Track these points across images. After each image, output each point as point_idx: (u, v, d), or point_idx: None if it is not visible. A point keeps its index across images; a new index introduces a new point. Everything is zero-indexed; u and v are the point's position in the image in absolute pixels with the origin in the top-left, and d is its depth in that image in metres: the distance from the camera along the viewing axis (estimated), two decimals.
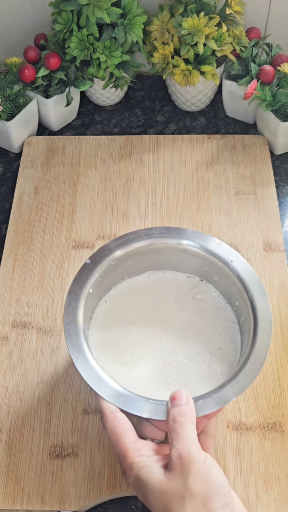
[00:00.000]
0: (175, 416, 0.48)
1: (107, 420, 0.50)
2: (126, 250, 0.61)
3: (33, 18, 0.87)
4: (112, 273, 0.61)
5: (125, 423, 0.49)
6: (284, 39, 0.88)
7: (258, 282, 0.58)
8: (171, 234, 0.62)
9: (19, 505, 0.57)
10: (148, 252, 0.62)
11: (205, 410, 0.50)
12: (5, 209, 0.80)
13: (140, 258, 0.62)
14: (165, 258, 0.63)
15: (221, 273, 0.61)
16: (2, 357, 0.66)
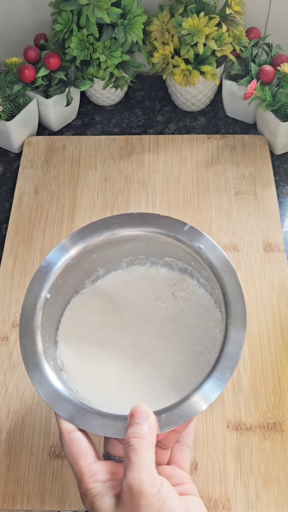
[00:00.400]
0: (129, 438, 0.43)
1: (64, 442, 0.46)
2: (86, 244, 0.55)
3: (33, 18, 0.87)
4: (76, 270, 0.57)
5: (82, 444, 0.46)
6: (284, 39, 0.88)
7: (232, 272, 0.53)
8: (133, 223, 0.56)
9: (19, 505, 0.57)
10: (112, 245, 0.57)
11: (171, 425, 0.45)
12: (5, 209, 0.80)
13: (106, 251, 0.58)
14: (137, 248, 0.59)
15: (194, 259, 0.56)
16: (2, 357, 0.66)
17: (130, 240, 0.57)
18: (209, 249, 0.54)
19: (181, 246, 0.56)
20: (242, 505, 0.56)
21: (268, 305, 0.69)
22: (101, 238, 0.56)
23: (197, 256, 0.54)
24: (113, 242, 0.57)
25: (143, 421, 0.44)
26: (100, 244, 0.56)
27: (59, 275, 0.55)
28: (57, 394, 0.48)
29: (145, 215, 0.57)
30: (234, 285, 0.52)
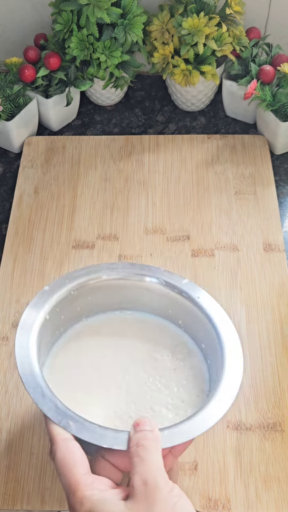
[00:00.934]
0: (138, 440, 0.42)
1: (58, 448, 0.43)
2: (87, 280, 0.57)
3: (33, 18, 0.87)
4: (72, 306, 0.58)
5: (78, 453, 0.43)
6: (284, 39, 0.88)
7: (228, 321, 0.54)
8: (135, 269, 0.58)
9: (19, 505, 0.57)
10: (110, 287, 0.58)
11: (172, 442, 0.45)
12: (5, 209, 0.80)
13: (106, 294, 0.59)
14: (131, 296, 0.59)
15: (187, 312, 0.57)
16: (2, 357, 0.66)
17: (126, 287, 0.58)
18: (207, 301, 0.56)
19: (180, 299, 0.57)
20: (242, 505, 0.56)
21: (268, 305, 0.69)
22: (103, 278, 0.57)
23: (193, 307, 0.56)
24: (112, 286, 0.58)
25: (149, 430, 0.43)
26: (103, 286, 0.58)
27: (59, 303, 0.55)
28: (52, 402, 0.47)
29: (146, 267, 0.58)
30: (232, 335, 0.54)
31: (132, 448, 0.42)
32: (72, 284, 0.56)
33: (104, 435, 0.45)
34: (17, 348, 0.51)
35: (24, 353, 0.50)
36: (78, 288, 0.57)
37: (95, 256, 0.73)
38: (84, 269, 0.58)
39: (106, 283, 0.58)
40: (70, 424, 0.45)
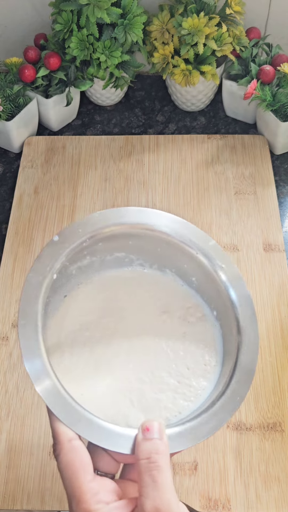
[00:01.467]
0: (151, 453, 0.39)
1: (63, 449, 0.40)
2: (103, 229, 0.50)
3: (33, 18, 0.87)
4: (80, 255, 0.51)
5: (84, 456, 0.40)
6: (284, 39, 0.88)
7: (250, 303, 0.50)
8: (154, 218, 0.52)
9: (19, 505, 0.57)
10: (124, 236, 0.52)
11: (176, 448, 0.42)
12: (5, 209, 0.80)
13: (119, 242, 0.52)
14: (143, 248, 0.54)
15: (205, 274, 0.52)
16: (2, 357, 0.66)
17: (142, 237, 0.53)
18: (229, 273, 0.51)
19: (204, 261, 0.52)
20: (242, 505, 0.56)
21: (268, 305, 0.69)
22: (120, 226, 0.51)
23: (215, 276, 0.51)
24: (131, 235, 0.52)
25: (159, 439, 0.40)
26: (117, 234, 0.52)
27: (69, 256, 0.49)
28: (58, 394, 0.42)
29: (177, 220, 0.53)
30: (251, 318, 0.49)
31: (143, 462, 0.39)
32: (86, 234, 0.50)
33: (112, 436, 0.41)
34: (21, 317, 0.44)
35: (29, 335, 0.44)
36: (90, 238, 0.50)
37: None
38: (100, 215, 0.51)
39: (125, 230, 0.52)
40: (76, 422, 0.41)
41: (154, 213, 0.53)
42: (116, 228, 0.52)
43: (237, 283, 0.51)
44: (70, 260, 0.50)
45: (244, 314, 0.49)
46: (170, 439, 0.42)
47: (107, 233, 0.52)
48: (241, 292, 0.50)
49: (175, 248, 0.53)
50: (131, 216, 0.53)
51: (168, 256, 0.54)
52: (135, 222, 0.53)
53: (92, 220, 0.52)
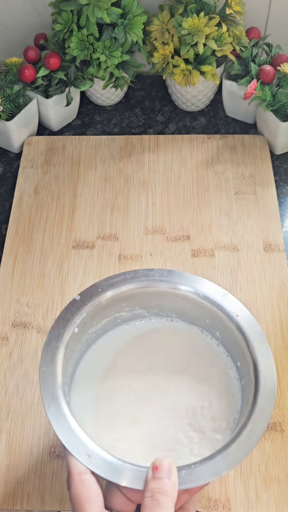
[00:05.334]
0: (154, 492, 0.41)
1: (73, 482, 0.43)
2: (120, 290, 0.54)
3: (33, 18, 0.87)
4: (101, 313, 0.55)
5: (92, 489, 0.42)
6: (284, 39, 0.88)
7: (264, 341, 0.52)
8: (173, 278, 0.55)
9: (19, 505, 0.57)
10: (144, 295, 0.56)
11: (189, 483, 0.44)
12: (5, 209, 0.80)
13: (135, 300, 0.56)
14: (165, 304, 0.57)
15: (223, 327, 0.55)
16: (2, 357, 0.66)
17: (162, 296, 0.56)
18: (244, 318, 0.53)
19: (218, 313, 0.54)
20: (242, 505, 0.56)
21: (268, 305, 0.69)
22: (137, 287, 0.55)
23: (230, 323, 0.54)
24: (148, 295, 0.56)
25: (167, 478, 0.42)
26: (135, 293, 0.56)
27: (90, 313, 0.54)
28: (71, 431, 0.46)
29: (185, 275, 0.56)
30: (267, 356, 0.51)
31: (146, 499, 0.41)
32: (106, 294, 0.54)
33: (121, 472, 0.44)
34: (42, 370, 0.49)
35: (49, 371, 0.49)
36: (110, 297, 0.54)
37: (95, 256, 0.73)
38: (119, 276, 0.55)
39: (141, 291, 0.56)
40: (87, 457, 0.44)
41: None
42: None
43: (253, 329, 0.53)
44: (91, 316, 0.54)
45: (261, 360, 0.51)
46: (185, 475, 0.44)
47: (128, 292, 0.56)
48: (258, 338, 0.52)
49: (197, 304, 0.56)
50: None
51: (187, 311, 0.57)
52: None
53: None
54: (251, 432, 0.47)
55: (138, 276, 0.55)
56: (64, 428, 0.46)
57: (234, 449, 0.46)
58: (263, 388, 0.49)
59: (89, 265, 0.72)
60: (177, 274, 0.56)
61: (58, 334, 0.51)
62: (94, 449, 0.45)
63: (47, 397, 0.47)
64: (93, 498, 0.42)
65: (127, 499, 0.44)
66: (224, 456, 0.45)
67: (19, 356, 0.66)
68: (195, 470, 0.44)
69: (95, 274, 0.72)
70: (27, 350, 0.66)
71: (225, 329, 0.55)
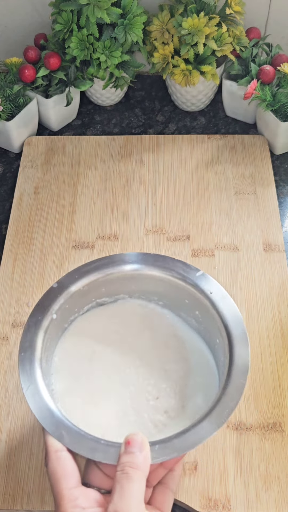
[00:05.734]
0: (124, 465, 0.43)
1: (49, 459, 0.44)
2: (98, 276, 0.56)
3: (33, 18, 0.87)
4: (82, 299, 0.57)
5: (68, 465, 0.44)
6: (284, 39, 0.88)
7: (239, 318, 0.53)
8: (147, 260, 0.57)
9: (19, 505, 0.57)
10: (122, 280, 0.57)
11: (162, 457, 0.45)
12: (5, 209, 0.80)
13: (114, 285, 0.58)
14: (142, 287, 0.59)
15: (201, 306, 0.56)
16: (2, 357, 0.66)
17: (140, 279, 0.58)
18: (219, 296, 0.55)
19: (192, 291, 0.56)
20: (242, 505, 0.56)
21: (268, 305, 0.69)
22: (114, 271, 0.57)
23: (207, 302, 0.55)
24: (124, 279, 0.57)
25: (139, 451, 0.43)
26: (112, 278, 0.57)
27: (67, 300, 0.55)
28: (49, 411, 0.48)
29: (160, 257, 0.57)
30: (240, 332, 0.52)
31: (118, 473, 0.42)
32: (82, 281, 0.55)
33: (95, 448, 0.45)
34: (20, 352, 0.51)
35: (27, 356, 0.51)
36: (88, 284, 0.56)
37: (95, 256, 0.73)
38: (94, 263, 0.57)
39: (118, 275, 0.57)
40: (63, 435, 0.46)
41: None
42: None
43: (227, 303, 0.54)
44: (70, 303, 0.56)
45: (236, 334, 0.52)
46: (159, 449, 0.45)
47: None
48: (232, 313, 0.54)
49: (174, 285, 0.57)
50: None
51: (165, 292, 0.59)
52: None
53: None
54: (224, 406, 0.48)
55: (115, 261, 0.57)
56: (42, 408, 0.48)
57: (207, 423, 0.47)
58: (237, 363, 0.50)
59: None
60: (152, 257, 0.57)
61: (36, 320, 0.53)
62: (70, 427, 0.46)
63: (25, 380, 0.49)
64: (68, 474, 0.43)
65: (105, 474, 0.45)
66: (197, 430, 0.46)
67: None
68: (169, 444, 0.45)
69: None
70: None
71: (202, 308, 0.56)
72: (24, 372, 0.50)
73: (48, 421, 0.47)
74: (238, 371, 0.50)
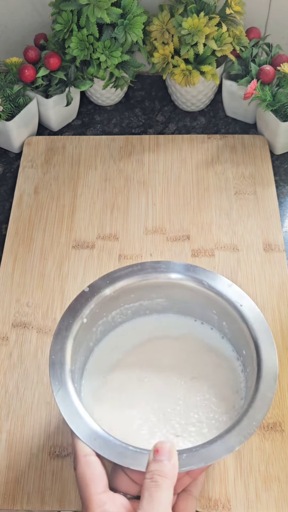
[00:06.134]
0: (153, 474, 0.43)
1: (78, 463, 0.45)
2: (129, 282, 0.57)
3: (33, 18, 0.87)
4: (111, 304, 0.58)
5: (97, 470, 0.45)
6: (284, 39, 0.88)
7: (267, 330, 0.54)
8: (179, 269, 0.57)
9: (19, 505, 0.57)
10: (151, 287, 0.58)
11: (189, 465, 0.46)
12: (5, 209, 0.80)
13: (143, 292, 0.58)
14: (171, 296, 0.59)
15: (230, 318, 0.56)
16: (2, 357, 0.66)
17: (169, 287, 0.58)
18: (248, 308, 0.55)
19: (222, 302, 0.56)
20: (242, 505, 0.56)
21: (268, 305, 0.69)
22: (143, 278, 0.57)
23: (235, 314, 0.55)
24: (154, 287, 0.58)
25: (167, 460, 0.44)
26: (142, 285, 0.58)
27: (98, 304, 0.56)
28: (78, 415, 0.48)
29: (191, 266, 0.58)
30: (269, 345, 0.53)
31: (146, 481, 0.43)
32: (112, 286, 0.56)
33: (124, 453, 0.46)
34: (51, 358, 0.51)
35: (58, 359, 0.51)
36: (118, 289, 0.57)
37: (95, 256, 0.73)
38: (126, 269, 0.57)
39: (148, 282, 0.58)
40: (92, 439, 0.47)
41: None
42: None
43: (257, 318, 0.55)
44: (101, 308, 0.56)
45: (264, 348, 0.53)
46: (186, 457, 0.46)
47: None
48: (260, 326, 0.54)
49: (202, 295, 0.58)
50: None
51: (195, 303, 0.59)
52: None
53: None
54: (252, 418, 0.48)
55: (145, 268, 0.57)
56: (71, 412, 0.48)
57: (234, 434, 0.47)
58: (265, 375, 0.51)
59: (89, 265, 0.72)
60: (184, 266, 0.58)
61: (67, 324, 0.53)
62: (100, 433, 0.47)
63: (56, 383, 0.50)
64: (97, 478, 0.44)
65: (132, 480, 0.46)
66: (224, 441, 0.47)
67: (19, 356, 0.66)
68: (196, 453, 0.46)
69: (95, 274, 0.72)
70: (27, 350, 0.66)
71: (230, 319, 0.56)
72: (55, 375, 0.50)
73: (77, 425, 0.47)
74: (267, 384, 0.50)
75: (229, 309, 0.56)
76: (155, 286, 0.58)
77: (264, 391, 0.50)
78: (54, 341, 0.52)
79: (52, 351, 0.52)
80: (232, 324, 0.57)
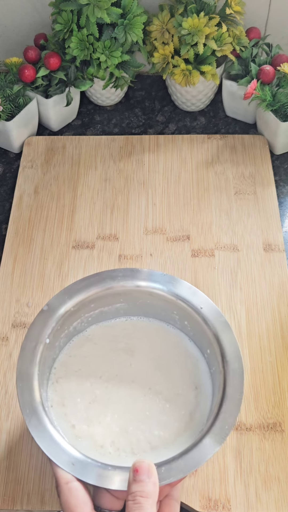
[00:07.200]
0: (135, 495, 0.43)
1: (61, 491, 0.46)
2: (88, 294, 0.56)
3: (33, 18, 0.87)
4: (72, 318, 0.57)
5: (80, 496, 0.45)
6: (284, 39, 0.88)
7: (229, 329, 0.54)
8: (137, 276, 0.57)
9: (19, 505, 0.57)
10: (112, 296, 0.58)
11: (169, 478, 0.46)
12: (5, 209, 0.80)
13: (102, 301, 0.58)
14: (132, 301, 0.59)
15: (191, 318, 0.57)
16: (2, 358, 0.66)
17: (129, 294, 0.58)
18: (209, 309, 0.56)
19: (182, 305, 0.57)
20: (242, 505, 0.56)
21: (268, 305, 0.69)
22: (102, 289, 0.57)
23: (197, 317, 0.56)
24: (114, 295, 0.58)
25: (148, 478, 0.44)
26: (101, 296, 0.57)
27: (59, 322, 0.55)
28: (54, 441, 0.48)
29: (150, 272, 0.58)
30: (233, 345, 0.53)
31: (129, 502, 0.43)
32: (72, 301, 0.56)
33: (104, 474, 0.46)
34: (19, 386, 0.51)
35: (25, 386, 0.51)
36: (77, 303, 0.56)
37: (95, 256, 0.73)
38: (84, 281, 0.57)
39: (107, 292, 0.57)
40: (71, 465, 0.47)
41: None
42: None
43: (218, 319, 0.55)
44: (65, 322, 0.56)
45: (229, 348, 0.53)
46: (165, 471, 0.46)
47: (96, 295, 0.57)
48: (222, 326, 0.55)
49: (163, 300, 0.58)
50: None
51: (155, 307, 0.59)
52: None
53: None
54: (224, 422, 0.49)
55: (103, 278, 0.57)
56: (47, 440, 0.48)
57: (208, 441, 0.48)
58: (232, 375, 0.52)
59: (89, 265, 0.72)
60: (141, 272, 0.58)
61: (30, 348, 0.53)
62: (77, 456, 0.48)
63: (27, 411, 0.49)
64: (81, 504, 0.45)
65: (114, 497, 0.47)
66: (199, 449, 0.48)
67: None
68: (173, 465, 0.47)
69: None
70: None
71: (193, 321, 0.57)
72: (25, 403, 0.50)
73: (54, 452, 0.47)
74: (234, 386, 0.51)
75: (189, 310, 0.56)
76: (115, 294, 0.58)
77: (232, 394, 0.50)
78: (19, 367, 0.52)
79: (19, 378, 0.51)
80: (195, 326, 0.57)
